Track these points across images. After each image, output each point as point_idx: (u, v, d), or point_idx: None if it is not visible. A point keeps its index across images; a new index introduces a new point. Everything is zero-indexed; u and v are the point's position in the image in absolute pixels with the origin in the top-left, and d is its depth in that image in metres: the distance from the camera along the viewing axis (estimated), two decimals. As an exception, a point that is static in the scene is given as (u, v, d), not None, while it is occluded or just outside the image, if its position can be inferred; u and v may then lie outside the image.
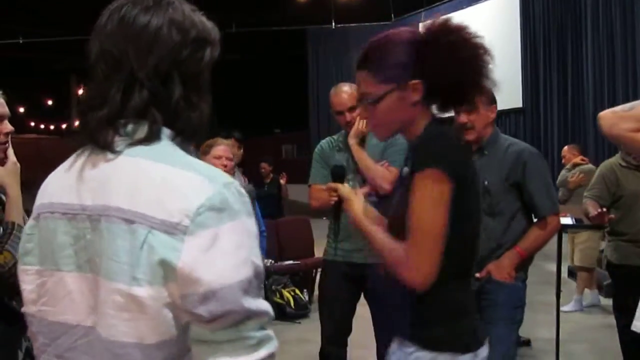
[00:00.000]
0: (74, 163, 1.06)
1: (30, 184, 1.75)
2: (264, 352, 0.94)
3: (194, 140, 1.07)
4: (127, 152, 0.99)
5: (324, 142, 3.23)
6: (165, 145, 1.00)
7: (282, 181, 7.83)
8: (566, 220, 3.60)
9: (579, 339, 4.60)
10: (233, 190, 0.95)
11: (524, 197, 2.66)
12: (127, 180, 0.97)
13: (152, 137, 0.99)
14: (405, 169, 1.59)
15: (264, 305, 0.95)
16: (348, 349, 3.32)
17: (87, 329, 0.98)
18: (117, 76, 0.99)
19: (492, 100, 2.74)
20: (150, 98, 0.99)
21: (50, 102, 22.87)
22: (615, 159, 3.59)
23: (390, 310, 3.11)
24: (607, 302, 4.18)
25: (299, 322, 5.12)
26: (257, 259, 0.96)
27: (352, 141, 3.00)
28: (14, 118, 1.92)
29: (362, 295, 3.20)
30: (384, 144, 2.97)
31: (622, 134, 1.87)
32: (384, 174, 2.89)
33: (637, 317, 2.00)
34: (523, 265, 2.70)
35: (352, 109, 2.98)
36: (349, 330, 3.22)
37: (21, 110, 21.25)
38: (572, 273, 5.83)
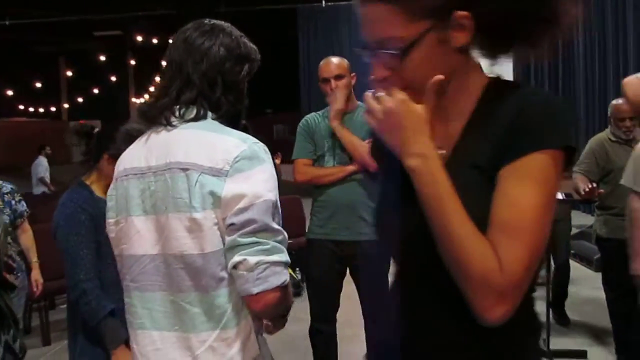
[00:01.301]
0: (143, 139, 1.46)
1: (22, 166, 1.77)
2: (276, 257, 1.29)
3: (231, 126, 1.43)
4: (181, 127, 1.39)
5: (309, 117, 3.24)
6: (209, 122, 1.41)
7: (277, 161, 7.82)
8: (558, 196, 3.63)
9: (568, 312, 4.66)
10: (260, 146, 1.36)
11: None
12: (182, 143, 1.36)
13: (199, 117, 1.40)
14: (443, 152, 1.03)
15: (278, 227, 1.32)
16: (338, 328, 3.37)
17: (153, 256, 1.37)
18: (179, 77, 1.42)
19: None
20: (199, 93, 1.41)
21: (39, 85, 22.65)
22: (605, 134, 3.61)
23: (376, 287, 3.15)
24: (597, 275, 4.22)
25: (293, 301, 5.21)
26: (277, 197, 1.33)
27: (334, 123, 3.00)
28: (2, 101, 1.92)
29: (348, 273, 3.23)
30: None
31: None
32: (366, 148, 2.91)
33: None
34: None
35: (338, 77, 3.01)
36: (336, 307, 3.27)
37: (10, 93, 21.05)
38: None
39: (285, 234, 1.33)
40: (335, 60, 3.11)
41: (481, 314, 0.94)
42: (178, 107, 1.41)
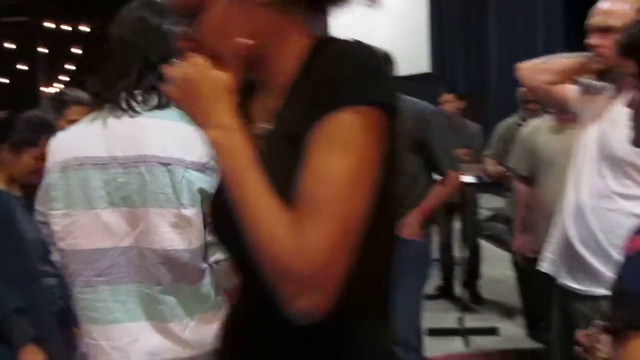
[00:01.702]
0: (92, 124, 1.38)
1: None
2: None
3: None
4: (145, 115, 1.34)
5: None
6: (174, 111, 1.30)
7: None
8: (468, 179, 3.76)
9: (480, 292, 4.88)
10: None
11: (425, 154, 2.73)
12: (155, 135, 1.31)
13: (161, 105, 1.35)
14: (263, 126, 0.93)
15: None
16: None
17: (124, 249, 1.34)
18: (134, 59, 1.35)
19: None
20: (159, 78, 1.26)
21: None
22: (513, 119, 3.78)
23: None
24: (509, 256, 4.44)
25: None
26: None
27: None
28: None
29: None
30: None
31: (538, 85, 2.00)
32: None
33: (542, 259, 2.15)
34: (429, 221, 2.80)
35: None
36: None
37: None
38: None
39: None
40: None
41: (285, 306, 0.78)
42: (137, 92, 1.35)
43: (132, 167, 1.31)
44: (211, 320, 1.37)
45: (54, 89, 18.96)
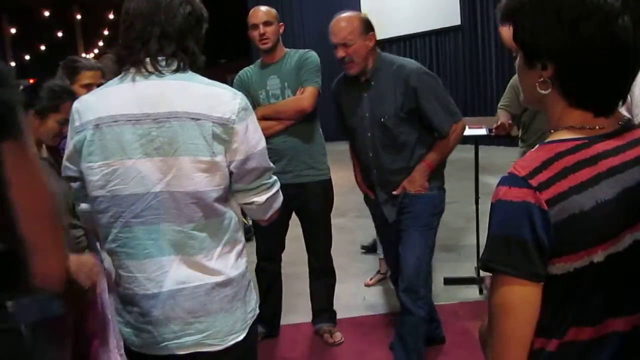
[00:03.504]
0: (120, 86, 1.57)
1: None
2: (274, 189, 1.71)
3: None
4: (168, 77, 1.55)
5: (241, 72, 3.36)
6: (193, 74, 1.59)
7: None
8: (481, 132, 3.81)
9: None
10: (245, 97, 1.62)
11: (423, 120, 2.74)
12: (182, 94, 1.53)
13: (182, 68, 1.57)
14: None
15: (271, 164, 1.69)
16: (283, 267, 3.56)
17: (156, 193, 1.54)
18: (153, 29, 1.55)
19: (369, 28, 2.73)
20: (177, 47, 1.57)
21: (-18, 44, 21.83)
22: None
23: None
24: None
25: (245, 246, 5.37)
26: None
27: (259, 114, 3.06)
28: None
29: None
30: (297, 66, 3.13)
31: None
32: (295, 101, 3.11)
33: None
34: (436, 173, 2.86)
35: (267, 24, 3.14)
36: (282, 247, 3.47)
37: (-48, 53, 20.26)
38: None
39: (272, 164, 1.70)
40: (263, 8, 3.22)
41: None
42: (160, 58, 1.55)
43: (164, 122, 1.51)
44: (231, 249, 1.64)
45: (93, 54, 19.30)
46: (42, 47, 23.06)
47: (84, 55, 23.37)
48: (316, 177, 3.26)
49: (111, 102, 1.56)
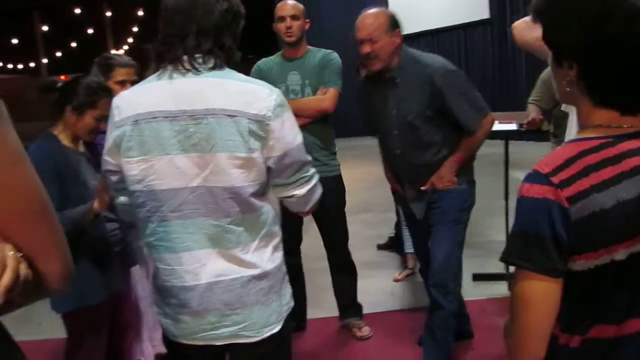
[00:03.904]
0: (157, 82, 1.59)
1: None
2: (313, 181, 1.74)
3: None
4: (205, 74, 1.57)
5: (261, 63, 3.36)
6: (230, 71, 1.61)
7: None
8: (511, 127, 3.77)
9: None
10: (282, 94, 1.64)
11: (449, 117, 2.72)
12: (219, 91, 1.55)
13: (219, 65, 1.59)
14: None
15: (308, 156, 1.71)
16: (303, 261, 3.58)
17: (193, 188, 1.57)
18: (190, 26, 1.56)
19: (395, 25, 2.71)
20: (214, 44, 1.58)
21: (15, 41, 22.28)
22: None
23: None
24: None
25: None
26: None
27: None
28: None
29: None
30: (320, 65, 3.15)
31: (531, 41, 2.02)
32: (317, 100, 3.13)
33: None
34: (465, 167, 2.85)
35: (294, 17, 3.16)
36: (300, 240, 3.48)
37: (-14, 51, 20.71)
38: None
39: (309, 157, 1.73)
40: (291, 2, 3.24)
41: None
42: (197, 55, 1.57)
43: (201, 119, 1.53)
44: (267, 243, 1.67)
45: (123, 51, 19.54)
46: (73, 44, 23.43)
47: (113, 51, 23.73)
48: (329, 173, 3.26)
49: (149, 98, 1.58)
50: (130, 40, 22.71)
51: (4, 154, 0.81)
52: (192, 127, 1.54)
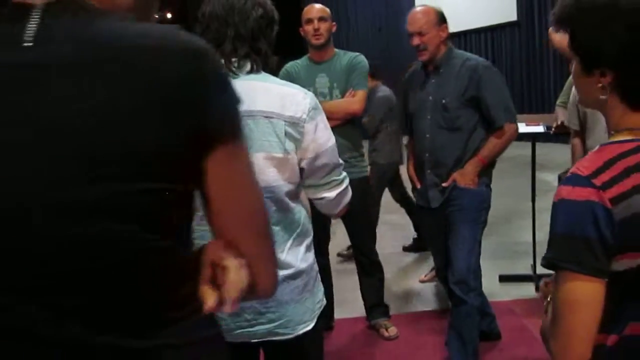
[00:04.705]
0: None
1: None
2: (344, 184, 1.77)
3: None
4: (244, 77, 1.63)
5: (288, 66, 3.42)
6: (266, 75, 1.68)
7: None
8: (538, 129, 3.78)
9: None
10: (315, 96, 1.70)
11: (481, 109, 2.85)
12: (257, 93, 1.61)
13: (255, 70, 1.65)
14: None
15: (340, 159, 1.75)
16: (333, 263, 3.64)
17: None
18: (227, 31, 1.63)
19: (442, 20, 2.91)
20: (250, 49, 1.65)
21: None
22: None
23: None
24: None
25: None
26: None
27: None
28: None
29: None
30: (347, 68, 3.21)
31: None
32: (347, 103, 3.19)
33: None
34: (485, 171, 2.94)
35: (321, 20, 3.22)
36: (328, 239, 3.54)
37: None
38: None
39: (340, 160, 1.77)
40: (318, 5, 3.31)
41: None
42: (234, 59, 1.64)
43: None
44: (301, 242, 1.73)
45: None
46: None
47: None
48: (357, 175, 3.30)
49: None
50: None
51: (251, 171, 0.91)
52: None
